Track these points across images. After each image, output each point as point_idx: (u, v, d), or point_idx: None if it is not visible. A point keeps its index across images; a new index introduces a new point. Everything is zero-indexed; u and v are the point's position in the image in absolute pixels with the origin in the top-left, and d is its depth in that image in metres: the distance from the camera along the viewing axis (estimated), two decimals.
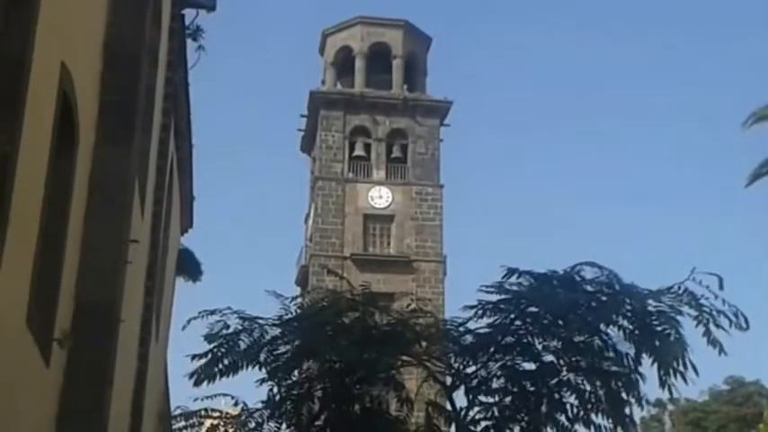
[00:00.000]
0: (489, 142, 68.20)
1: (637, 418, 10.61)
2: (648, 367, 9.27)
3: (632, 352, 9.35)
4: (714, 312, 8.78)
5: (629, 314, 9.24)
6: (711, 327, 8.79)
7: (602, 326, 9.47)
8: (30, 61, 4.22)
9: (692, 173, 70.10)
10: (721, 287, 8.71)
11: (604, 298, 9.38)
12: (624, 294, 9.31)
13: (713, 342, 8.75)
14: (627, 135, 72.72)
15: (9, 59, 4.13)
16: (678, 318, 9.02)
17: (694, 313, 8.86)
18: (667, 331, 8.95)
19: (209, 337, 9.85)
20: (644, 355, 9.24)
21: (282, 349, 10.08)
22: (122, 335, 6.51)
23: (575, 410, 9.67)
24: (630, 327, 9.27)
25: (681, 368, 8.81)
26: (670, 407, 34.77)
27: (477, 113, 64.59)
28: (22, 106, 4.17)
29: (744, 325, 8.81)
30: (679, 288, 9.05)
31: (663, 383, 8.93)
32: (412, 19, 35.16)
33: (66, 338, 5.46)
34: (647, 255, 56.02)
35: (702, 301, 8.88)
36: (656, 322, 9.10)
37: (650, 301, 9.19)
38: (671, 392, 9.04)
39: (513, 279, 9.64)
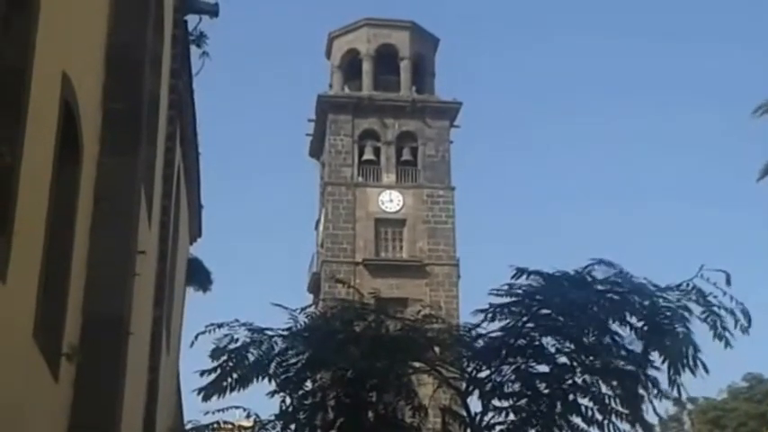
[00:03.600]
0: (500, 143, 68.04)
1: (655, 418, 10.50)
2: (660, 366, 9.21)
3: (640, 350, 9.26)
4: (722, 311, 8.75)
5: (639, 312, 9.16)
6: (719, 326, 8.75)
7: (613, 325, 9.39)
8: (30, 71, 4.18)
9: (705, 167, 69.62)
10: (729, 283, 8.67)
11: (616, 296, 9.29)
12: (635, 292, 9.23)
13: (719, 336, 8.71)
14: (640, 131, 72.37)
15: (9, 70, 4.08)
16: (687, 315, 8.97)
17: (702, 310, 8.81)
18: (677, 329, 8.89)
19: (214, 353, 9.76)
20: (654, 354, 9.16)
21: (293, 360, 10.00)
22: (132, 348, 6.43)
23: (590, 412, 9.58)
24: (641, 325, 9.19)
25: (690, 364, 8.75)
26: (689, 406, 34.46)
27: (487, 114, 64.43)
28: (24, 117, 4.12)
29: (746, 324, 8.78)
30: (688, 285, 8.99)
31: (672, 383, 8.87)
32: (419, 20, 35.09)
33: (75, 353, 5.40)
34: (659, 252, 55.69)
35: (711, 298, 8.83)
36: (665, 321, 9.03)
37: (660, 300, 9.12)
38: (680, 392, 8.97)
39: (524, 279, 9.55)
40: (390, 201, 32.09)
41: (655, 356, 9.17)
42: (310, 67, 51.79)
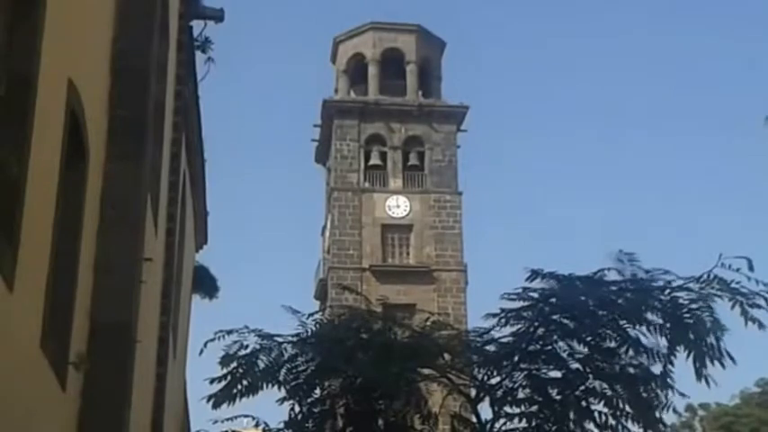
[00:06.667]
0: (508, 146, 67.82)
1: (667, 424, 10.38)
2: (681, 366, 9.09)
3: (664, 350, 9.15)
4: (749, 294, 8.58)
5: (658, 308, 9.04)
6: (747, 307, 8.59)
7: (631, 325, 9.29)
8: (36, 80, 4.16)
9: (723, 171, 69.08)
10: (751, 269, 8.51)
11: (632, 296, 9.19)
12: (653, 289, 9.12)
13: (751, 319, 8.55)
14: (649, 132, 72.04)
15: (15, 78, 4.06)
16: (710, 306, 8.83)
17: (728, 296, 8.66)
18: (701, 317, 8.76)
19: (224, 360, 9.72)
20: (678, 350, 9.02)
21: (302, 367, 9.95)
22: (139, 356, 6.40)
23: (603, 418, 9.49)
24: (661, 321, 9.07)
25: (716, 355, 8.63)
26: (701, 412, 34.20)
27: (494, 118, 64.23)
28: (30, 125, 4.11)
29: None
30: (708, 276, 8.85)
31: (699, 375, 8.73)
32: (425, 23, 34.98)
33: (82, 361, 5.36)
34: (672, 253, 55.26)
35: (734, 285, 8.67)
36: (687, 315, 8.92)
37: (680, 294, 9.01)
38: (708, 383, 8.82)
39: (537, 282, 9.48)
40: (397, 206, 32.01)
41: (679, 352, 9.03)
42: (315, 72, 51.86)
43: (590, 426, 9.54)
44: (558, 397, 9.67)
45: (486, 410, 10.08)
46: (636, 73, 73.88)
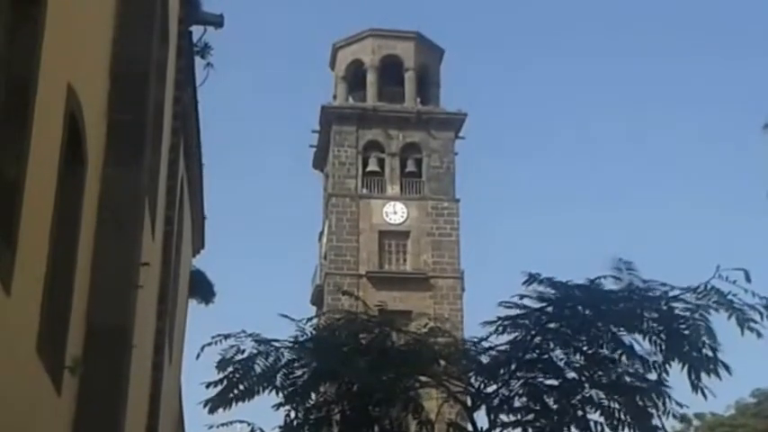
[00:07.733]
0: (505, 154, 67.82)
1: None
2: (677, 377, 9.11)
3: (660, 359, 9.16)
4: (745, 307, 8.61)
5: (655, 318, 9.06)
6: (743, 317, 8.60)
7: (627, 335, 9.31)
8: (36, 83, 4.16)
9: (724, 176, 69.02)
10: (748, 280, 8.54)
11: (630, 305, 9.20)
12: (650, 299, 9.14)
13: (749, 329, 8.57)
14: (649, 134, 72.03)
15: (15, 82, 4.06)
16: (707, 317, 8.86)
17: (725, 308, 8.68)
18: (698, 328, 8.77)
19: (221, 364, 9.70)
20: (673, 362, 9.04)
21: (299, 372, 9.94)
22: (135, 360, 6.38)
23: (599, 427, 9.49)
24: (657, 332, 9.09)
25: (711, 367, 8.64)
26: (696, 422, 34.16)
27: (492, 125, 64.30)
28: (29, 129, 4.10)
29: None
30: (705, 286, 8.87)
31: (695, 387, 8.74)
32: (423, 30, 35.05)
33: (78, 366, 5.34)
34: (672, 258, 55.16)
35: (731, 297, 8.70)
36: (683, 326, 8.94)
37: (677, 305, 9.03)
38: (704, 395, 8.84)
39: (534, 287, 9.48)
40: (394, 213, 32.01)
41: (674, 364, 9.04)
42: (314, 78, 51.88)
43: None
44: (555, 406, 9.68)
45: (482, 419, 10.08)
46: (636, 76, 74.10)
